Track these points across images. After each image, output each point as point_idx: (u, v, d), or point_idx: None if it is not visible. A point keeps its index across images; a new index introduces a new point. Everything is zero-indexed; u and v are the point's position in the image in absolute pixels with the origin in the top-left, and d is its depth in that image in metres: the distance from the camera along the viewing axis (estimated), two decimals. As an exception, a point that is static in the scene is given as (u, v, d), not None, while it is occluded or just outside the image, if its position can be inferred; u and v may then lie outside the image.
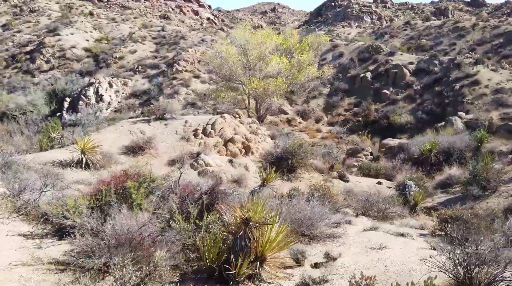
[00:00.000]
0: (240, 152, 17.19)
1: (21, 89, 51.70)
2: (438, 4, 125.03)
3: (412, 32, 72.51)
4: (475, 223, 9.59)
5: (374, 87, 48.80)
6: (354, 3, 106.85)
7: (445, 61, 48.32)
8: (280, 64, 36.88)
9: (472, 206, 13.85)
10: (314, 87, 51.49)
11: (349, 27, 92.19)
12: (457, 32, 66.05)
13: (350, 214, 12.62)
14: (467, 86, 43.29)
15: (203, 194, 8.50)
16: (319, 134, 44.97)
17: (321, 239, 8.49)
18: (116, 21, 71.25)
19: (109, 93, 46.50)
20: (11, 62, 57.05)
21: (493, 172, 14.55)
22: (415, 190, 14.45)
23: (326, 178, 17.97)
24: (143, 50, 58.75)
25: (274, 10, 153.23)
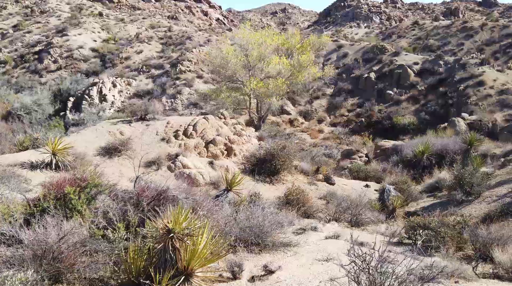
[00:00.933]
0: (222, 153, 16.76)
1: (28, 88, 51.97)
2: (449, 4, 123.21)
3: (420, 32, 71.34)
4: (441, 232, 9.03)
5: (378, 87, 47.99)
6: (363, 3, 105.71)
7: (450, 62, 47.32)
8: (280, 64, 36.44)
9: (454, 212, 13.23)
10: (317, 87, 50.94)
11: (357, 28, 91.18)
12: (465, 32, 64.77)
13: (322, 220, 12.12)
14: (471, 87, 42.28)
15: (151, 199, 8.08)
16: (321, 134, 44.37)
17: (274, 248, 8.01)
18: (125, 21, 71.33)
19: (112, 93, 46.43)
20: (19, 62, 57.39)
21: (478, 177, 13.90)
22: (394, 195, 13.86)
23: (310, 181, 17.44)
24: (149, 50, 58.65)
25: (285, 10, 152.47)
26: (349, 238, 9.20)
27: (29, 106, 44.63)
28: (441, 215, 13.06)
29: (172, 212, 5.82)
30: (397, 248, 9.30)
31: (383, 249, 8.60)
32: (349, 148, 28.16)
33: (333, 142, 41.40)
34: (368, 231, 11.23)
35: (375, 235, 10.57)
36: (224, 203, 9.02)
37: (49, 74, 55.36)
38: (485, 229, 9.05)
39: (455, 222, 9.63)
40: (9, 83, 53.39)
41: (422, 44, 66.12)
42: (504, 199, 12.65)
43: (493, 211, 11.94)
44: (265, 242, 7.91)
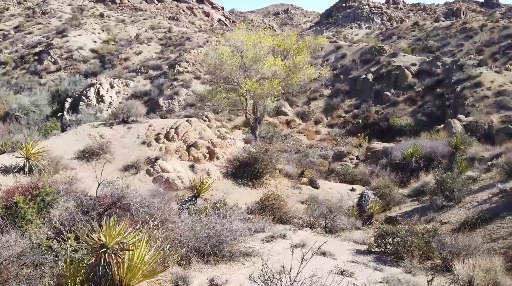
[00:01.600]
0: (204, 157, 16.48)
1: (27, 89, 51.97)
2: (451, 5, 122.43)
3: (419, 33, 70.82)
4: (408, 241, 8.72)
5: (375, 88, 47.57)
6: (365, 4, 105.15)
7: (448, 63, 46.82)
8: (275, 65, 36.09)
9: (433, 217, 12.91)
10: (315, 88, 50.58)
11: (358, 29, 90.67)
12: (465, 33, 64.22)
13: (299, 225, 11.84)
14: (468, 88, 41.83)
15: (106, 208, 7.84)
16: (318, 135, 44.06)
17: (232, 259, 7.74)
18: (125, 22, 71.24)
19: (110, 94, 46.30)
20: (19, 63, 57.44)
21: (459, 182, 13.55)
22: (372, 200, 13.53)
23: (294, 185, 17.14)
24: (148, 51, 58.50)
25: (287, 11, 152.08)
26: (315, 247, 8.93)
27: (27, 107, 44.60)
28: (419, 221, 12.80)
29: (104, 224, 5.56)
30: (363, 257, 9.00)
31: (346, 259, 8.34)
32: (340, 151, 27.83)
33: (329, 143, 41.12)
34: (342, 238, 10.94)
35: (347, 242, 10.31)
36: (184, 211, 8.74)
37: (48, 75, 55.36)
38: (454, 238, 8.73)
39: (424, 231, 9.31)
40: (9, 84, 53.42)
41: (421, 45, 65.61)
42: (483, 205, 12.31)
43: (470, 217, 11.61)
44: (223, 252, 7.64)
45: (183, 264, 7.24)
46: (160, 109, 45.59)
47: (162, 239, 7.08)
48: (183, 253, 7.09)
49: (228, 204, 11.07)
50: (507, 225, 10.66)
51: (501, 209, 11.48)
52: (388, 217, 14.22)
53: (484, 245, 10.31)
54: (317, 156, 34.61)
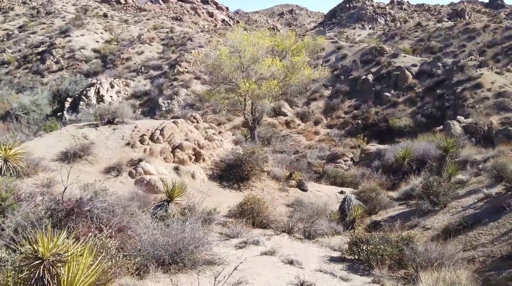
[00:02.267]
0: (190, 159, 16.18)
1: (29, 89, 51.99)
2: (456, 6, 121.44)
3: (422, 34, 70.23)
4: (380, 249, 8.37)
5: (375, 89, 47.09)
6: (369, 4, 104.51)
7: (448, 64, 46.24)
8: (273, 66, 35.76)
9: (417, 222, 12.53)
10: (315, 89, 50.19)
11: (360, 29, 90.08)
12: (467, 34, 63.52)
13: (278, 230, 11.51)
14: (469, 89, 41.30)
15: (65, 214, 7.56)
16: (317, 136, 43.67)
17: (194, 267, 7.42)
18: (128, 22, 71.18)
19: (110, 93, 46.17)
20: (22, 62, 57.50)
21: (445, 186, 13.16)
22: (355, 204, 13.18)
23: (281, 187, 16.81)
24: (150, 51, 58.33)
25: (292, 12, 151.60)
26: (285, 254, 8.65)
27: (28, 106, 44.56)
28: (402, 226, 12.44)
29: (39, 234, 5.28)
30: (334, 266, 8.67)
31: (314, 268, 8.01)
32: (334, 152, 27.42)
33: (328, 144, 40.74)
34: (319, 244, 10.61)
35: (323, 249, 10.00)
36: (147, 217, 8.45)
37: (50, 75, 55.37)
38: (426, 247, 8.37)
39: (399, 238, 8.97)
40: (11, 83, 53.49)
41: (424, 45, 64.99)
42: (468, 210, 11.92)
43: (452, 223, 11.23)
44: (184, 261, 7.33)
45: (141, 274, 6.95)
46: (160, 109, 45.41)
47: (116, 248, 6.81)
48: (138, 262, 6.79)
49: (197, 209, 10.76)
50: (489, 232, 10.28)
51: (484, 215, 11.10)
52: (373, 222, 13.85)
53: (465, 253, 9.96)
54: (315, 157, 34.22)
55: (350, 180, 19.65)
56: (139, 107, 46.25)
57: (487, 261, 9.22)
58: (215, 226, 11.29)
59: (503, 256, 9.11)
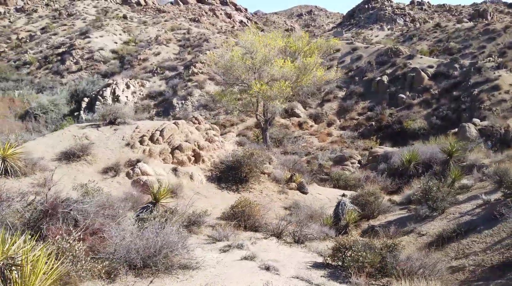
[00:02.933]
0: (189, 160, 16.11)
1: (49, 89, 52.93)
2: (478, 6, 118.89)
3: (441, 35, 68.85)
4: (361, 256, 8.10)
5: (390, 91, 46.36)
6: (387, 5, 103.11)
7: (466, 65, 45.21)
8: (284, 67, 35.52)
9: (413, 228, 12.16)
10: (329, 90, 49.72)
11: (378, 30, 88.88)
12: (487, 35, 62.04)
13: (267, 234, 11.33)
14: (486, 91, 40.27)
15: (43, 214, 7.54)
16: (330, 138, 43.19)
17: (168, 272, 7.29)
18: (147, 24, 71.84)
19: (125, 94, 46.62)
20: (43, 63, 58.55)
21: (444, 191, 12.74)
22: (350, 208, 12.87)
23: (281, 190, 16.58)
24: (166, 52, 58.71)
25: (311, 12, 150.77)
26: (265, 259, 8.48)
27: (46, 106, 45.35)
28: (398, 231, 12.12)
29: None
30: (315, 272, 8.45)
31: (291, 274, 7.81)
32: (341, 154, 27.05)
33: (340, 145, 40.20)
34: (307, 249, 10.38)
35: (310, 254, 9.79)
36: (126, 219, 8.37)
37: (70, 75, 56.25)
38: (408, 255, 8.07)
39: (383, 245, 8.68)
40: (32, 83, 54.52)
41: (442, 46, 63.73)
42: (464, 217, 11.52)
43: (446, 230, 10.85)
44: (157, 265, 7.22)
45: (112, 277, 6.86)
46: (174, 109, 45.63)
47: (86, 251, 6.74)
48: (106, 266, 6.71)
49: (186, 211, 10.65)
50: (482, 240, 9.89)
51: (479, 222, 10.69)
52: (370, 226, 13.53)
53: (456, 261, 9.63)
54: (326, 159, 33.84)
55: (353, 183, 19.31)
56: (154, 108, 46.58)
57: (476, 271, 8.87)
58: (205, 229, 11.18)
59: (493, 266, 8.75)
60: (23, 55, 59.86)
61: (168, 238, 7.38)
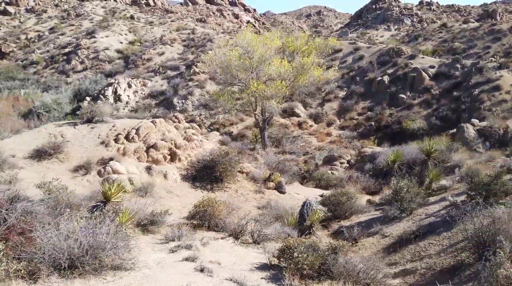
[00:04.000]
0: (165, 158, 15.93)
1: (54, 88, 53.27)
2: (487, 6, 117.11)
3: (446, 35, 67.88)
4: (302, 258, 7.80)
5: (390, 91, 45.76)
6: (395, 5, 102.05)
7: (467, 65, 44.42)
8: (281, 67, 35.22)
9: (379, 229, 11.80)
10: (330, 90, 49.27)
11: (385, 30, 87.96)
12: (492, 35, 60.98)
13: (226, 234, 11.09)
14: (486, 92, 39.50)
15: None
16: (329, 137, 42.76)
17: (98, 273, 7.06)
18: (153, 24, 71.96)
19: (127, 93, 46.71)
20: (49, 62, 58.99)
21: (412, 192, 12.36)
22: (315, 209, 12.54)
23: (258, 189, 16.31)
24: (170, 52, 58.73)
25: (320, 13, 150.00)
26: (206, 260, 8.26)
27: (49, 105, 45.58)
28: (363, 233, 11.81)
29: None
30: (257, 273, 8.19)
31: (226, 276, 7.56)
32: (331, 154, 26.67)
33: (339, 145, 39.76)
34: (264, 250, 10.08)
35: (262, 255, 9.53)
36: (61, 219, 8.17)
37: (75, 75, 56.59)
38: (348, 258, 7.76)
39: (329, 247, 8.38)
40: (38, 83, 54.93)
41: (447, 47, 62.81)
42: (429, 218, 11.13)
43: (407, 232, 10.50)
44: (84, 265, 7.02)
45: (35, 278, 6.68)
46: (174, 108, 45.58)
47: (5, 250, 6.57)
48: (26, 266, 6.53)
49: (144, 210, 10.47)
50: (440, 242, 9.52)
51: (440, 224, 10.32)
52: (341, 227, 13.21)
53: (410, 264, 9.29)
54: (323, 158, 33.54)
55: (334, 183, 18.96)
56: (155, 107, 46.59)
57: (427, 274, 8.53)
58: (164, 228, 10.97)
59: (443, 269, 8.41)
60: (31, 54, 60.41)
61: (98, 238, 7.18)
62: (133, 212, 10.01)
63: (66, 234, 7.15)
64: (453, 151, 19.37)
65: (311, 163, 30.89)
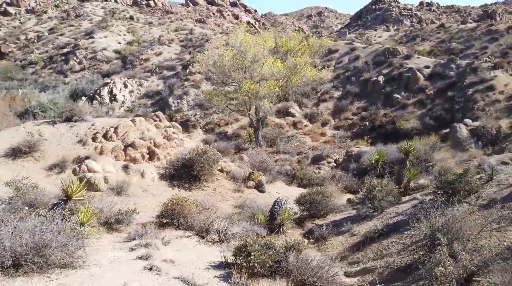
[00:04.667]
0: (143, 157, 15.83)
1: (52, 88, 53.31)
2: (487, 7, 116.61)
3: (444, 35, 67.60)
4: (254, 256, 7.69)
5: (385, 91, 45.57)
6: (394, 6, 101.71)
7: (462, 65, 44.17)
8: (274, 66, 35.11)
9: (349, 228, 11.67)
10: (326, 90, 49.11)
11: (384, 31, 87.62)
12: (490, 35, 60.65)
13: (192, 233, 10.99)
14: (480, 92, 39.27)
15: None
16: (323, 137, 42.60)
17: (43, 271, 6.90)
18: (153, 25, 72.00)
19: (123, 93, 46.70)
20: (48, 62, 59.08)
21: (383, 191, 12.21)
22: (285, 207, 12.40)
23: (237, 188, 16.20)
24: (168, 53, 58.70)
25: (321, 14, 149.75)
26: (160, 259, 8.16)
27: (45, 104, 45.57)
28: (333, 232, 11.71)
29: None
30: (211, 272, 8.09)
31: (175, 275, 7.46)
32: (319, 153, 26.53)
33: (332, 145, 39.63)
34: (228, 248, 9.96)
35: (225, 253, 9.41)
36: (15, 217, 8.09)
37: (73, 75, 56.64)
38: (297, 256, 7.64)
39: (285, 245, 8.26)
40: (36, 83, 54.97)
41: (444, 47, 62.53)
42: (398, 217, 10.99)
43: (372, 230, 10.38)
44: (28, 263, 6.93)
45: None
46: (170, 108, 45.53)
47: None
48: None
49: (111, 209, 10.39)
50: (402, 241, 9.39)
51: (406, 223, 10.18)
52: (315, 226, 13.08)
53: (371, 262, 9.17)
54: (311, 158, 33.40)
55: (316, 182, 18.81)
56: (150, 107, 46.52)
57: (384, 272, 8.42)
58: (131, 227, 10.87)
59: (399, 268, 8.29)
60: (29, 55, 60.55)
61: (44, 237, 7.09)
62: (97, 210, 9.90)
63: (11, 232, 7.06)
64: (436, 150, 19.19)
65: (304, 163, 30.75)
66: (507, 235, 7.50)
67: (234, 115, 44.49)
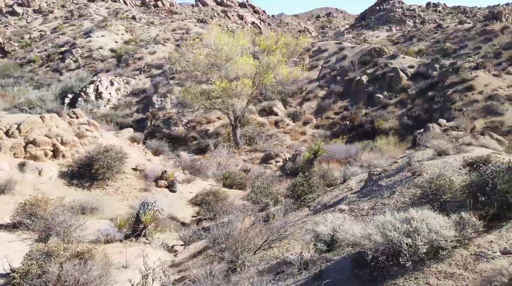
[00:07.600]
0: (46, 155, 15.02)
1: (47, 85, 53.27)
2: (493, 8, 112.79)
3: (440, 36, 65.36)
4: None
5: (368, 90, 44.00)
6: (398, 7, 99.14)
7: (445, 65, 42.24)
8: (245, 64, 34.04)
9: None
10: (311, 89, 47.74)
11: (386, 31, 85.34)
12: (484, 36, 58.24)
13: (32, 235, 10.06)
14: (459, 92, 37.50)
15: None
16: (303, 136, 41.36)
17: None
18: (152, 25, 71.48)
19: (109, 91, 46.24)
20: (46, 61, 59.12)
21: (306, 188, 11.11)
22: (151, 209, 11.34)
23: (145, 187, 15.25)
24: (162, 52, 58.10)
25: (329, 15, 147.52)
26: None
27: (34, 101, 45.48)
28: (195, 236, 10.61)
29: None
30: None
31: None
32: (268, 153, 25.32)
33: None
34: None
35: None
36: None
37: (68, 73, 56.50)
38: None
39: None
40: (32, 80, 55.04)
41: (438, 47, 60.39)
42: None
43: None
44: None
45: None
46: (153, 106, 44.88)
47: None
48: None
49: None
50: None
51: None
52: (203, 228, 12.02)
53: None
54: (261, 157, 32.23)
55: (239, 181, 17.73)
56: (136, 105, 45.98)
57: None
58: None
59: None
60: (29, 53, 60.72)
61: None
62: None
63: None
64: (365, 151, 17.88)
65: (255, 162, 29.56)
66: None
67: (217, 113, 43.48)
